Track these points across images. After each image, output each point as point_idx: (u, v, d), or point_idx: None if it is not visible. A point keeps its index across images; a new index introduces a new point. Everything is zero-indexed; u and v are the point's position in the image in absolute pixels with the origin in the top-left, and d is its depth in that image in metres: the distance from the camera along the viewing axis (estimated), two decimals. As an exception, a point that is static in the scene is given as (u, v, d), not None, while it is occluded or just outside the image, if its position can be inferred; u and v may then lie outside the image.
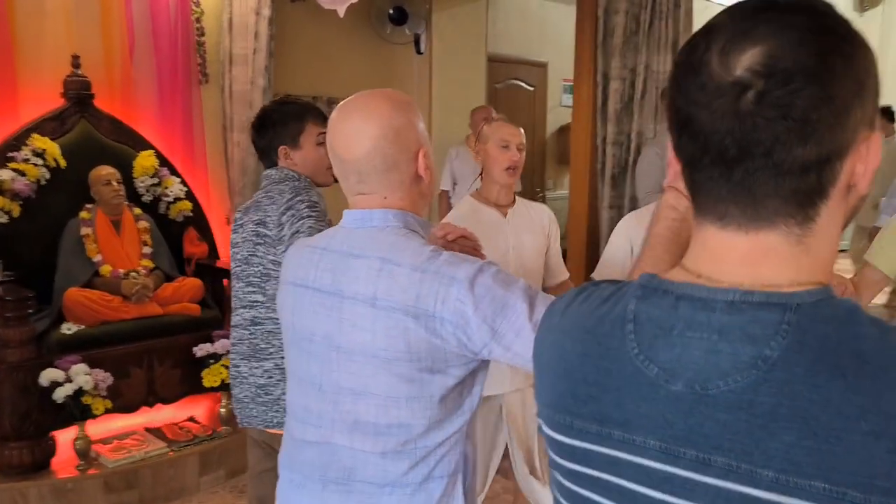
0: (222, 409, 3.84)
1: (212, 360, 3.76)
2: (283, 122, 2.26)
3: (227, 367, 3.73)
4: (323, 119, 2.26)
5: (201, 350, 3.74)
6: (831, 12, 0.62)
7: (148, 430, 3.78)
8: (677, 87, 0.66)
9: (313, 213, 2.09)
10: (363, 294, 1.22)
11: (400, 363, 1.19)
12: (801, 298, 0.61)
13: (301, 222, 2.08)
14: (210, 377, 3.73)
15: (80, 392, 3.30)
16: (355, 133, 1.27)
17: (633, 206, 4.56)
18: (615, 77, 4.56)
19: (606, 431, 0.68)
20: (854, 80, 0.61)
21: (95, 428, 3.52)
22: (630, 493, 0.67)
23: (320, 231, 1.61)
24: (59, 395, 3.25)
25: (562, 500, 0.76)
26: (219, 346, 3.77)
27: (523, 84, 6.14)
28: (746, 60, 0.60)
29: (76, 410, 3.31)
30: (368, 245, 1.26)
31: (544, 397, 0.77)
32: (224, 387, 3.76)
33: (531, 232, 2.59)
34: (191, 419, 3.94)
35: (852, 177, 0.63)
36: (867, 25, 10.27)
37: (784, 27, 0.60)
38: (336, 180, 1.39)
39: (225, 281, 4.26)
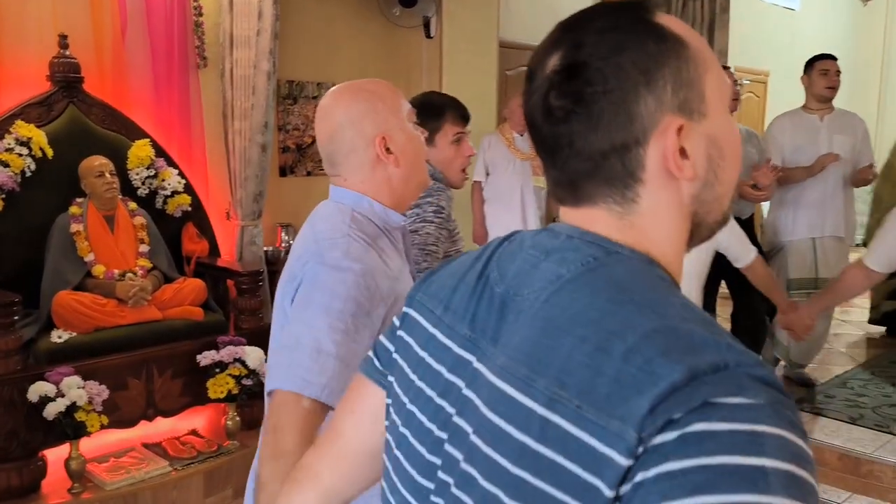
0: (228, 422, 3.51)
1: (217, 370, 3.43)
2: (419, 115, 2.17)
3: (234, 377, 3.41)
4: (462, 117, 2.27)
5: (206, 358, 3.41)
6: (636, 12, 0.68)
7: (146, 445, 3.45)
8: (525, 90, 0.74)
9: (435, 220, 2.08)
10: (293, 250, 1.44)
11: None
12: (621, 250, 0.68)
13: (421, 224, 2.06)
14: (216, 388, 3.40)
15: (72, 408, 2.96)
16: (321, 119, 1.44)
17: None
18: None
19: (445, 317, 0.77)
20: (639, 72, 0.66)
21: (88, 444, 3.17)
22: (439, 376, 0.75)
23: (437, 239, 1.85)
24: (51, 411, 2.91)
25: (378, 355, 0.87)
26: (225, 353, 3.44)
27: (535, 71, 5.85)
28: (553, 63, 0.68)
29: (69, 428, 2.97)
30: (316, 213, 1.47)
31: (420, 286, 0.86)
32: (231, 398, 3.43)
33: None
34: (193, 433, 3.61)
35: (666, 162, 0.67)
36: (870, 17, 10.08)
37: (583, 30, 0.68)
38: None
39: (229, 282, 3.94)
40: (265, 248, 4.43)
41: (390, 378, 0.83)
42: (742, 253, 2.72)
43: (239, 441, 3.51)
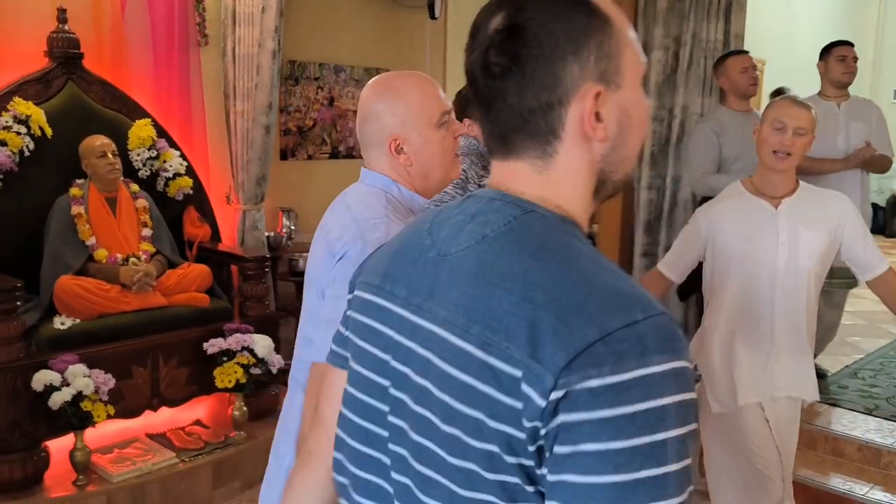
0: (235, 412, 3.40)
1: (225, 358, 3.31)
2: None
3: (242, 366, 3.30)
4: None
5: (213, 346, 3.30)
6: None
7: (150, 436, 3.34)
8: (467, 45, 0.80)
9: (450, 190, 2.13)
10: (325, 228, 1.48)
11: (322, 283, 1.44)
12: (536, 209, 0.77)
13: (441, 194, 2.04)
14: (223, 377, 3.29)
15: (78, 397, 2.84)
16: (359, 105, 1.52)
17: (676, 186, 4.22)
18: (657, 46, 4.20)
19: (384, 285, 0.85)
20: (568, 41, 0.74)
21: (91, 435, 3.03)
22: (382, 335, 0.83)
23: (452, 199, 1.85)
24: (56, 401, 2.79)
25: (336, 342, 0.97)
26: (232, 341, 3.32)
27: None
28: (496, 22, 0.76)
29: (74, 419, 2.85)
30: (348, 194, 1.51)
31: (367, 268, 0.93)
32: (239, 387, 3.32)
33: (809, 227, 2.22)
34: (197, 423, 3.50)
35: (582, 122, 0.76)
36: (865, 5, 10.08)
37: (523, 0, 0.75)
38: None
39: (233, 267, 3.82)
40: (266, 234, 4.31)
41: (346, 354, 0.93)
42: (875, 262, 2.23)
43: (246, 432, 3.41)
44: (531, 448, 0.66)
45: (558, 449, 0.64)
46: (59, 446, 2.99)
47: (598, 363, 0.64)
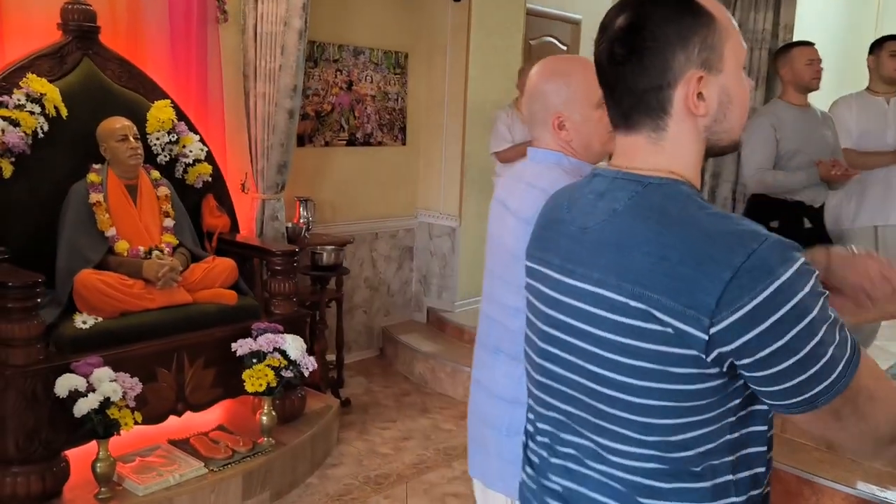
0: (263, 417, 3.17)
1: (255, 360, 3.08)
2: None
3: (273, 368, 3.07)
4: None
5: (242, 347, 3.07)
6: None
7: (172, 442, 3.10)
8: (596, 38, 1.01)
9: None
10: (510, 207, 1.58)
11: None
12: (651, 180, 0.96)
13: None
14: (253, 380, 3.05)
15: (105, 404, 2.60)
16: (526, 88, 1.65)
17: (715, 182, 4.06)
18: (699, 36, 4.02)
19: (542, 255, 1.08)
20: (677, 36, 0.92)
21: (110, 441, 2.80)
22: (544, 294, 1.07)
23: None
24: (82, 408, 2.55)
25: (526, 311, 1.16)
26: (263, 342, 3.09)
27: (557, 42, 5.54)
28: (620, 21, 0.96)
29: (100, 427, 2.61)
30: (524, 174, 1.60)
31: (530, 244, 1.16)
32: (269, 391, 3.09)
33: None
34: (220, 427, 3.27)
35: (686, 101, 0.94)
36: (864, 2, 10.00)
37: (643, 3, 0.95)
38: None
39: (256, 260, 3.58)
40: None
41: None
42: None
43: (274, 438, 3.19)
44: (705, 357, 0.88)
45: (738, 362, 0.86)
46: (78, 455, 2.75)
47: (739, 296, 0.83)
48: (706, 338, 0.85)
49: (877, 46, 3.86)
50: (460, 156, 4.95)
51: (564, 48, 5.66)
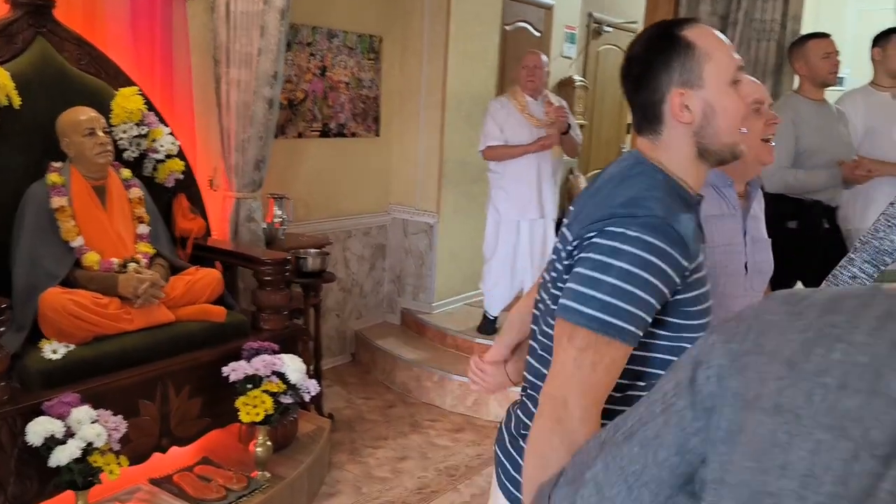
0: (258, 448, 2.80)
1: (249, 386, 2.71)
2: None
3: (270, 394, 2.71)
4: None
5: (236, 372, 2.69)
6: (669, 28, 1.21)
7: (154, 482, 2.70)
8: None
9: None
10: None
11: None
12: (644, 162, 1.23)
13: None
14: (249, 409, 2.68)
15: (87, 450, 2.19)
16: None
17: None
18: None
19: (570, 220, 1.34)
20: (662, 63, 1.20)
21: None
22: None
23: None
24: (60, 458, 2.14)
25: None
26: (258, 364, 2.72)
27: (531, 28, 5.27)
28: (627, 55, 1.27)
29: (80, 477, 2.20)
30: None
31: None
32: (266, 420, 2.73)
33: None
34: (205, 460, 2.88)
35: (674, 111, 1.20)
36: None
37: (639, 39, 1.26)
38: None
39: (237, 268, 3.18)
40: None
41: None
42: None
43: (269, 471, 2.83)
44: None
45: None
46: (50, 508, 2.33)
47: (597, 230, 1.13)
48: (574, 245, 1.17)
49: (883, 38, 3.73)
50: (438, 148, 4.63)
51: (538, 34, 5.39)
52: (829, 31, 3.63)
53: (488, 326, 4.39)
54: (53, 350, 2.37)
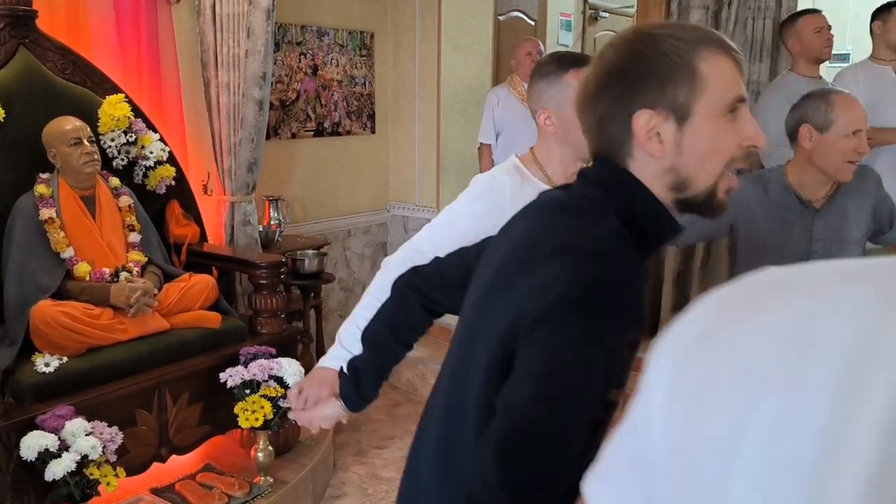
0: (260, 454, 2.78)
1: (247, 391, 2.69)
2: None
3: (269, 398, 2.69)
4: None
5: (233, 377, 2.66)
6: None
7: (154, 491, 2.68)
8: None
9: None
10: None
11: None
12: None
13: None
14: (248, 415, 2.66)
15: (83, 463, 2.17)
16: None
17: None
18: (696, 6, 3.78)
19: None
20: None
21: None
22: None
23: None
24: (56, 472, 2.12)
25: None
26: (256, 370, 2.70)
27: (525, 17, 5.22)
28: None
29: (77, 490, 2.18)
30: None
31: None
32: (266, 425, 2.70)
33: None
34: (207, 467, 2.86)
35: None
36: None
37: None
38: None
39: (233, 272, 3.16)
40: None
41: None
42: None
43: (272, 476, 2.80)
44: None
45: None
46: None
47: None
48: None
49: (884, 11, 3.65)
50: (436, 142, 4.59)
51: (533, 23, 5.33)
52: (832, 11, 3.58)
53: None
54: (46, 363, 2.35)
